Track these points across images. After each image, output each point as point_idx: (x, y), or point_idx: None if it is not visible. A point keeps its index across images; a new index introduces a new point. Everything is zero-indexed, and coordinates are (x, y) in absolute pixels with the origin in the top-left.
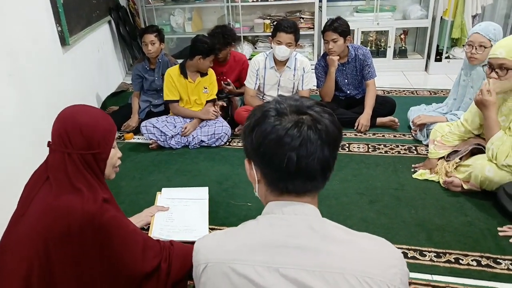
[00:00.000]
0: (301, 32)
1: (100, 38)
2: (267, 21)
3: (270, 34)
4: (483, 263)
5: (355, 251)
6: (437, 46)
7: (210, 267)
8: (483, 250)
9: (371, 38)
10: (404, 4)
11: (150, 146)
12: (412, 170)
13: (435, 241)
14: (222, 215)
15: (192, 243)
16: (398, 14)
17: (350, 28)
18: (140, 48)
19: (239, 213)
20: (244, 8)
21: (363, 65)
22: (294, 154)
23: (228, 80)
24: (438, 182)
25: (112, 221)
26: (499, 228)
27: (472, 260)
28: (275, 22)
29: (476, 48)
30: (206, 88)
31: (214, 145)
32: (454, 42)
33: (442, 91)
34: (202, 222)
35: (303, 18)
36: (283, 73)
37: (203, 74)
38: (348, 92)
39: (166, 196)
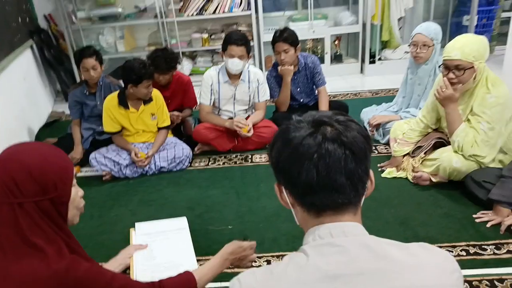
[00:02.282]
0: None
1: (25, 65)
2: (205, 35)
3: (209, 48)
4: (471, 251)
5: (417, 265)
6: (370, 49)
7: None
8: (467, 239)
9: (308, 46)
10: (334, 12)
11: (103, 178)
12: (379, 169)
13: (422, 236)
14: (203, 244)
15: None
16: (331, 22)
17: None
18: (68, 72)
19: (222, 239)
20: (179, 24)
21: (313, 73)
22: (312, 164)
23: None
24: (407, 178)
25: (87, 274)
26: (474, 216)
27: (461, 251)
28: (212, 35)
29: (420, 48)
30: (154, 114)
31: (175, 169)
32: (384, 45)
33: (382, 91)
34: (188, 254)
35: (240, 30)
36: (238, 86)
37: (147, 100)
38: (301, 100)
39: (141, 232)
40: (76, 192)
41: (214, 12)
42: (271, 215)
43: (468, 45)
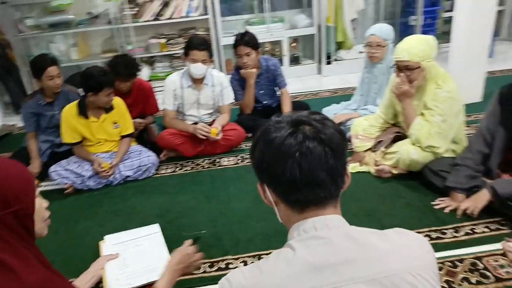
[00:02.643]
0: None
1: None
2: (162, 41)
3: (167, 53)
4: (433, 236)
5: (396, 250)
6: (326, 50)
7: None
8: (429, 225)
9: (266, 48)
10: (290, 15)
11: (65, 192)
12: None
13: (387, 226)
14: None
15: None
16: (287, 24)
17: None
18: (19, 83)
19: (198, 244)
20: (135, 29)
21: (275, 75)
22: (295, 162)
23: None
24: (369, 172)
25: None
26: (433, 203)
27: (424, 236)
28: (170, 40)
29: (374, 48)
30: (116, 123)
31: (141, 178)
32: (339, 46)
33: (339, 90)
34: (163, 257)
35: (197, 35)
36: (201, 90)
37: (109, 108)
38: (265, 102)
39: (112, 242)
40: (40, 204)
41: (171, 17)
42: (243, 217)
43: (415, 46)
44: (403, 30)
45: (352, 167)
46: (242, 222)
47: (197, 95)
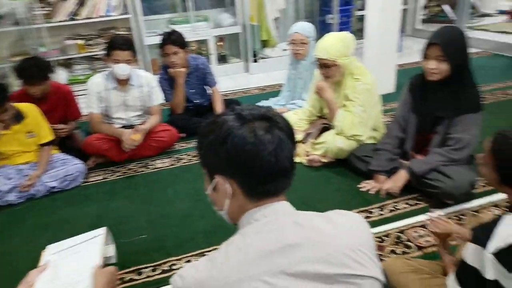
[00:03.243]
0: None
1: None
2: (80, 41)
3: (87, 54)
4: (362, 216)
5: (339, 230)
6: (252, 48)
7: None
8: (357, 206)
9: (193, 47)
10: (214, 14)
11: None
12: None
13: (322, 211)
14: (119, 259)
15: None
16: (212, 23)
17: None
18: None
19: (139, 249)
20: (48, 30)
21: (204, 74)
22: (273, 156)
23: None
24: (301, 162)
25: None
26: (359, 186)
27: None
28: (89, 41)
29: (298, 45)
30: (31, 132)
31: (69, 187)
32: (264, 44)
33: (268, 87)
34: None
35: (119, 35)
36: (128, 92)
37: (19, 118)
38: (196, 101)
39: (51, 252)
40: None
41: (88, 17)
42: (184, 216)
43: (332, 46)
44: (322, 28)
45: None
46: (183, 222)
47: (123, 97)
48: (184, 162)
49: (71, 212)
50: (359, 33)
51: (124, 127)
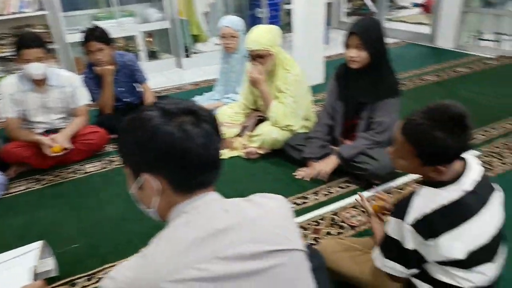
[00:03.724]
0: None
1: None
2: None
3: None
4: (299, 202)
5: (263, 209)
6: (183, 44)
7: None
8: (294, 193)
9: (120, 44)
10: (140, 8)
11: None
12: None
13: None
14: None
15: None
16: (139, 19)
17: None
18: None
19: (72, 259)
20: None
21: (132, 71)
22: (203, 149)
23: None
24: (239, 156)
25: None
26: (294, 173)
27: (292, 203)
28: (1, 40)
29: (228, 39)
30: None
31: None
32: (195, 39)
33: (201, 82)
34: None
35: (28, 32)
36: (47, 93)
37: None
38: (126, 99)
39: None
40: None
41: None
42: (118, 221)
43: (262, 36)
44: (252, 22)
45: (223, 154)
46: (118, 226)
47: (41, 99)
48: (117, 164)
49: None
50: (287, 27)
51: (48, 131)
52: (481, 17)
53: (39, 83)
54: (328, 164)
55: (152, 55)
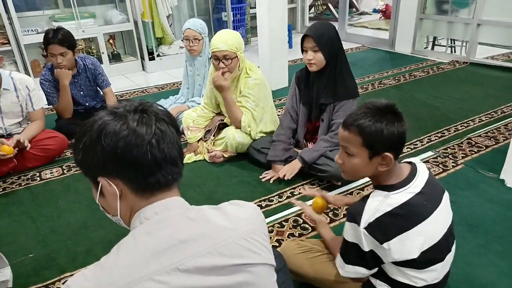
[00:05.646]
0: None
1: None
2: None
3: None
4: (263, 205)
5: (232, 220)
6: (147, 46)
7: None
8: (259, 196)
9: (81, 46)
10: (102, 10)
11: None
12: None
13: None
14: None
15: None
16: (100, 20)
17: None
18: None
19: (28, 270)
20: None
21: (95, 74)
22: (153, 146)
23: None
24: (204, 159)
25: None
26: (260, 177)
27: (257, 205)
28: None
29: (192, 41)
30: None
31: None
32: (160, 41)
33: (166, 85)
34: None
35: None
36: (1, 97)
37: None
38: (87, 104)
39: None
40: None
41: None
42: (79, 228)
43: (230, 38)
44: (217, 25)
45: (188, 157)
46: (78, 235)
47: None
48: (76, 170)
49: None
50: (254, 31)
51: (1, 136)
52: (436, 24)
53: None
54: (292, 167)
55: (115, 58)
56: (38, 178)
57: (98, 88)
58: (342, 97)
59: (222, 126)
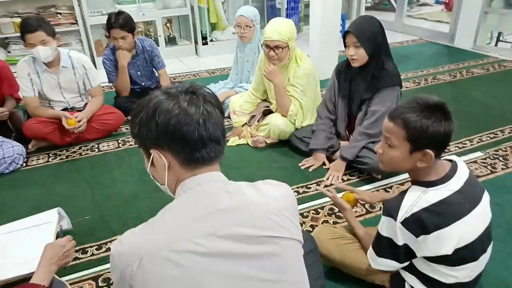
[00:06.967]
0: (63, 29)
1: None
2: (17, 20)
3: None
4: (300, 191)
5: (264, 196)
6: (201, 31)
7: (146, 260)
8: (297, 182)
9: (140, 29)
10: None
11: None
12: (227, 140)
13: None
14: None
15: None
16: (159, 4)
17: None
18: None
19: (83, 230)
20: None
21: (152, 56)
22: (200, 125)
23: None
24: (247, 144)
25: None
26: (300, 164)
27: (294, 191)
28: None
29: (243, 28)
30: None
31: (7, 171)
32: (214, 27)
33: (217, 70)
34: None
35: (60, 13)
36: (60, 74)
37: None
38: (143, 83)
39: (1, 232)
40: None
41: None
42: (130, 197)
43: (283, 28)
44: (271, 12)
45: (232, 140)
46: (129, 202)
47: (57, 80)
48: (130, 145)
49: (11, 197)
50: (307, 19)
51: (65, 109)
52: (502, 18)
53: (53, 65)
54: (338, 168)
55: (171, 41)
56: (97, 150)
57: (153, 69)
58: (380, 86)
59: (267, 112)
